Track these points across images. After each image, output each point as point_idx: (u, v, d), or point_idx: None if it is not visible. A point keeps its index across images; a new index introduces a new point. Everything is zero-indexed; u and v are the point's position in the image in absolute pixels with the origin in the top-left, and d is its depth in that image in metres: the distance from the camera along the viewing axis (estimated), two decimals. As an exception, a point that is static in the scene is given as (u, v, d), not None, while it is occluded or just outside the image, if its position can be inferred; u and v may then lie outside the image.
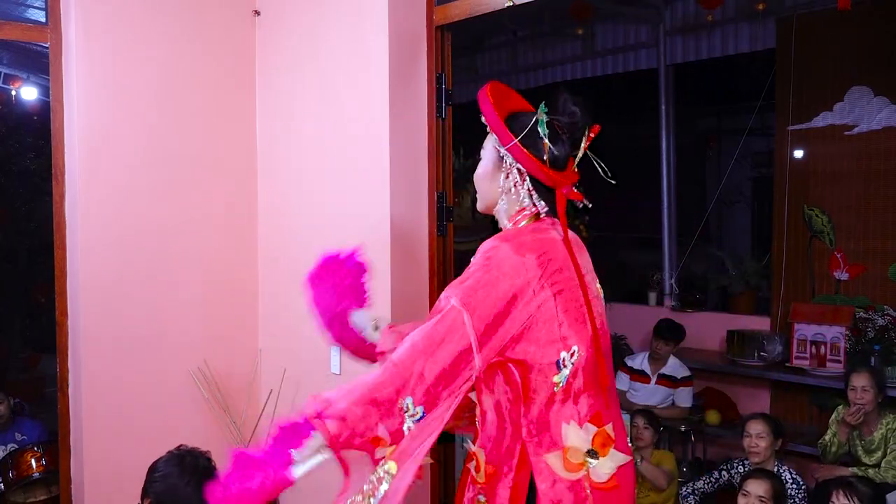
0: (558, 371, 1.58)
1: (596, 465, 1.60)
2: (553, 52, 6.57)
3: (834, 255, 4.70)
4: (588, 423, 1.61)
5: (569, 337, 1.60)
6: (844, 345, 4.33)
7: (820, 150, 4.78)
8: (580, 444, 1.59)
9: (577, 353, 1.60)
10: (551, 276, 1.59)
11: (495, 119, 1.65)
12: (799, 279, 4.86)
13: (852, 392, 3.56)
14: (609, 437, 1.62)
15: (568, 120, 1.67)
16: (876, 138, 4.53)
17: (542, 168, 1.63)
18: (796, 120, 4.83)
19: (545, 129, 1.63)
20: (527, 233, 1.66)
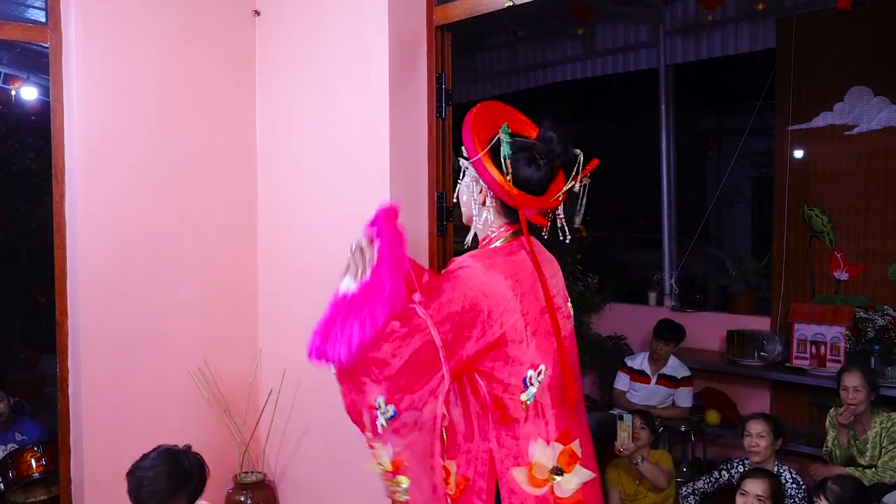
0: (525, 389, 1.62)
1: (561, 480, 1.64)
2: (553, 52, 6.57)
3: (834, 255, 4.70)
4: (556, 441, 1.65)
5: (536, 356, 1.63)
6: (844, 345, 4.33)
7: (820, 150, 4.78)
8: (546, 461, 1.64)
9: (544, 371, 1.64)
10: (520, 298, 1.63)
11: (468, 135, 1.69)
12: (799, 279, 4.86)
13: (844, 392, 3.56)
14: (575, 455, 1.66)
15: (544, 146, 1.68)
16: (876, 138, 4.53)
17: (503, 186, 1.65)
18: (796, 120, 4.83)
19: (508, 150, 1.65)
20: (498, 254, 1.69)
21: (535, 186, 1.69)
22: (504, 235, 1.73)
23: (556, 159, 1.69)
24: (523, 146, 1.69)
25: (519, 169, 1.67)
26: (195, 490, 2.33)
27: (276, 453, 3.32)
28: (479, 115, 1.71)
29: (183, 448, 2.37)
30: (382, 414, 1.60)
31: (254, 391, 3.35)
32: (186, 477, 2.31)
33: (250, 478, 3.25)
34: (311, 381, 3.12)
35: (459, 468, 1.71)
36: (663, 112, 5.78)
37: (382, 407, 1.60)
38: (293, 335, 3.22)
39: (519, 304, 1.62)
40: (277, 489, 3.33)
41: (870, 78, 4.54)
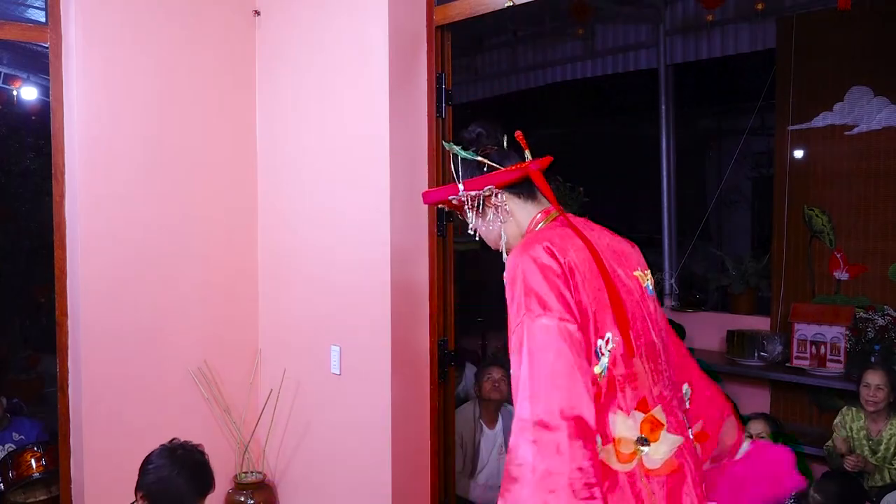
0: (597, 360, 1.53)
1: (648, 451, 1.55)
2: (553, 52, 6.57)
3: (834, 255, 4.70)
4: (634, 410, 1.56)
5: (601, 326, 1.55)
6: (844, 345, 4.32)
7: (820, 150, 4.78)
8: (629, 433, 1.54)
9: (612, 339, 1.55)
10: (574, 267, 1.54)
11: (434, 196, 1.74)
12: (799, 279, 4.86)
13: (865, 389, 3.55)
14: (658, 422, 1.57)
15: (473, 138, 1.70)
16: (876, 138, 4.53)
17: (504, 171, 1.65)
18: (796, 120, 4.82)
19: (468, 154, 1.67)
20: (541, 234, 1.63)
21: (505, 155, 1.70)
22: (544, 218, 1.68)
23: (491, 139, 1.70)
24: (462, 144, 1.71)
25: (483, 153, 1.68)
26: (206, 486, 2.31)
27: (276, 453, 3.32)
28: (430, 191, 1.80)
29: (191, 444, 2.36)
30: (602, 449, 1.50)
31: (254, 391, 3.35)
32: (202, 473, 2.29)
33: (250, 478, 3.25)
34: (311, 382, 3.13)
35: None
36: (663, 112, 5.77)
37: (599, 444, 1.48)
38: (293, 335, 3.23)
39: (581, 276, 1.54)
40: (277, 489, 3.33)
41: (870, 78, 4.54)
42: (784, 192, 4.89)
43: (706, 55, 5.56)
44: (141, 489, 2.23)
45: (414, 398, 2.83)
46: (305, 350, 3.14)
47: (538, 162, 1.69)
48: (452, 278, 2.93)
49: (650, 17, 5.79)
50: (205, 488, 2.26)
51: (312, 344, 3.10)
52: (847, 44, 4.60)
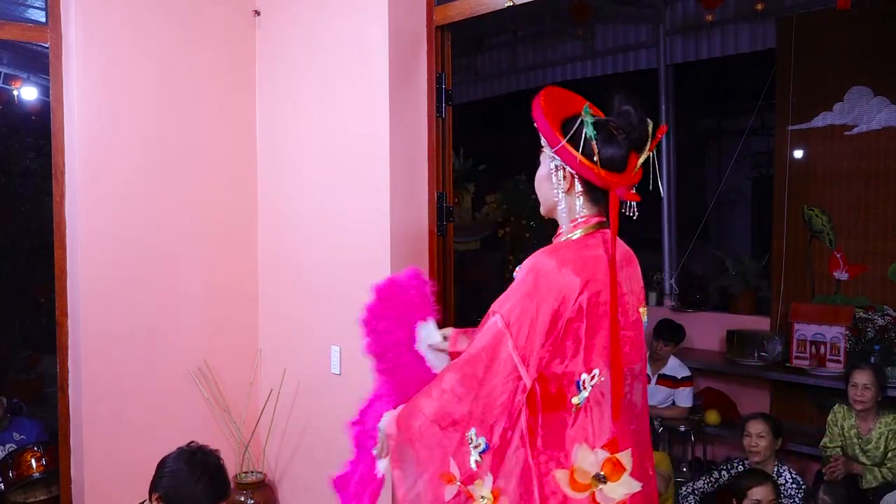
0: (578, 392, 1.59)
1: (604, 488, 1.59)
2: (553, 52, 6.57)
3: (834, 255, 4.70)
4: (601, 448, 1.61)
5: (592, 359, 1.60)
6: (844, 345, 4.32)
7: (820, 150, 4.78)
8: (588, 467, 1.59)
9: (597, 376, 1.60)
10: (589, 298, 1.59)
11: (544, 123, 1.64)
12: (799, 279, 4.86)
13: (853, 389, 3.55)
14: (620, 465, 1.61)
15: (622, 120, 1.64)
16: (876, 138, 4.53)
17: (592, 169, 1.62)
18: (796, 120, 4.83)
19: (592, 131, 1.62)
20: (572, 248, 1.64)
21: (618, 164, 1.65)
22: (586, 225, 1.68)
23: (634, 132, 1.65)
24: (600, 124, 1.65)
25: (602, 148, 1.63)
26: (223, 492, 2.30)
27: (276, 453, 3.32)
28: (547, 102, 1.67)
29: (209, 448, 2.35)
30: (475, 448, 1.57)
31: (254, 391, 3.35)
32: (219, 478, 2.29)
33: (250, 478, 3.25)
34: (311, 381, 3.13)
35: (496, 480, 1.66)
36: (663, 112, 5.78)
37: (474, 440, 1.57)
38: (293, 335, 3.23)
39: (586, 305, 1.58)
40: (277, 489, 3.33)
41: (870, 78, 4.54)
42: (784, 192, 4.90)
43: (706, 55, 5.56)
44: (157, 490, 2.23)
45: (414, 398, 2.83)
46: (305, 350, 3.14)
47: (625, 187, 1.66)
48: (452, 278, 2.93)
49: (650, 17, 5.79)
50: (221, 494, 2.26)
51: (312, 344, 3.10)
52: (847, 44, 4.60)
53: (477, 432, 1.57)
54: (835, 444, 3.67)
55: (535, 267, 1.61)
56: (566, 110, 1.69)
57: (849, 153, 4.63)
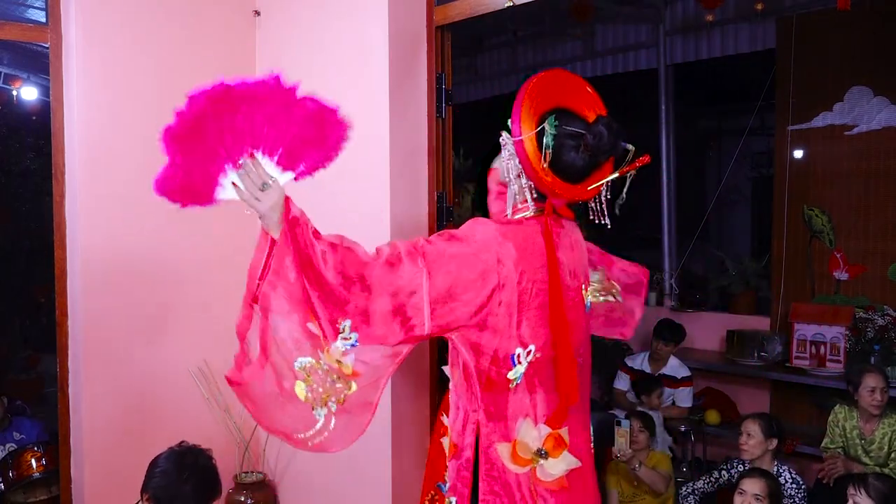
0: (513, 367, 1.61)
1: (545, 464, 1.62)
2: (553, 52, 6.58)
3: (834, 255, 4.70)
4: (544, 423, 1.63)
5: (527, 336, 1.61)
6: (844, 345, 4.33)
7: (820, 150, 4.78)
8: (530, 441, 1.62)
9: (534, 352, 1.62)
10: (521, 274, 1.60)
11: (517, 108, 1.65)
12: (799, 279, 4.86)
13: (871, 393, 3.47)
14: (562, 441, 1.64)
15: (592, 140, 1.65)
16: (876, 138, 4.53)
17: (537, 172, 1.64)
18: (796, 120, 4.83)
19: (551, 141, 1.63)
20: (513, 225, 1.67)
21: (574, 174, 1.67)
22: (529, 209, 1.71)
23: (602, 156, 1.67)
24: (573, 134, 1.66)
25: (562, 154, 1.65)
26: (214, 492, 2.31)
27: (276, 453, 3.32)
28: (536, 88, 1.68)
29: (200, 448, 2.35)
30: (343, 339, 1.56)
31: (254, 391, 3.35)
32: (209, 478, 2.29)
33: (250, 478, 3.25)
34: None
35: (452, 434, 1.72)
36: (663, 112, 5.78)
37: (346, 332, 1.56)
38: (293, 335, 3.22)
39: (518, 280, 1.60)
40: (277, 489, 3.34)
41: (870, 78, 4.54)
42: (784, 192, 4.90)
43: (706, 55, 5.57)
44: (147, 491, 2.23)
45: (414, 397, 2.83)
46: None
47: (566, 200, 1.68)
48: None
49: (650, 17, 5.80)
50: (212, 494, 2.27)
51: (312, 344, 3.10)
52: (847, 44, 4.60)
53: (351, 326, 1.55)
54: (836, 445, 3.67)
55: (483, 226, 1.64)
56: (557, 100, 1.69)
57: (849, 153, 4.63)
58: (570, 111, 1.70)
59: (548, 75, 1.71)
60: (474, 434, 1.66)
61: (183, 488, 2.19)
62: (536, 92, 1.67)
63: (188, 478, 2.20)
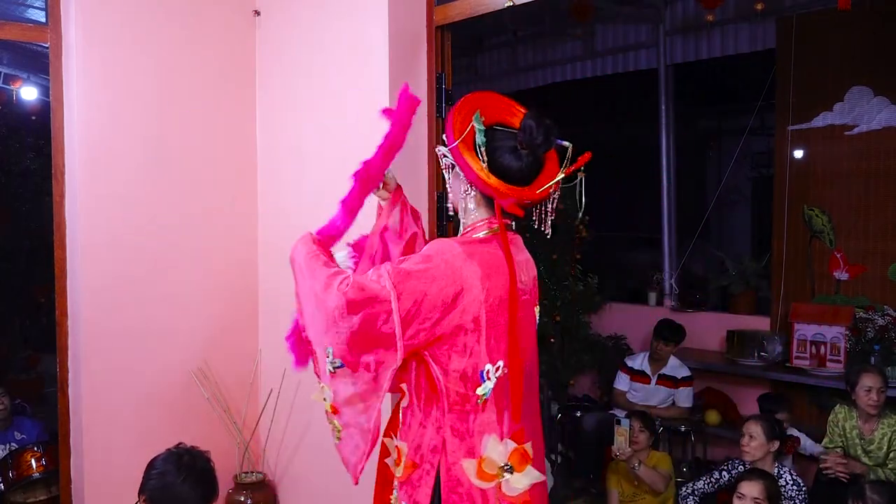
0: (482, 383, 1.62)
1: (510, 479, 1.63)
2: (553, 52, 6.58)
3: (834, 255, 4.70)
4: (509, 439, 1.64)
5: (495, 352, 1.63)
6: (844, 345, 4.33)
7: (820, 150, 4.79)
8: (497, 457, 1.63)
9: (502, 368, 1.63)
10: (488, 292, 1.61)
11: (448, 122, 1.69)
12: (799, 279, 4.86)
13: (867, 393, 3.49)
14: (527, 455, 1.65)
15: (523, 135, 1.65)
16: (876, 138, 4.54)
17: (478, 175, 1.64)
18: (796, 120, 4.83)
19: (482, 138, 1.64)
20: (476, 244, 1.68)
21: (517, 177, 1.67)
22: (485, 229, 1.71)
23: (538, 149, 1.66)
24: (506, 136, 1.67)
25: (499, 158, 1.66)
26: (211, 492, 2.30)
27: (276, 453, 3.32)
28: (464, 104, 1.70)
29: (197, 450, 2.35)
30: (330, 362, 1.64)
31: (254, 391, 3.35)
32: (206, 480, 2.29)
33: (250, 478, 3.25)
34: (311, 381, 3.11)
35: (409, 452, 1.72)
36: (663, 112, 5.78)
37: (330, 356, 1.63)
38: (293, 335, 3.22)
39: (485, 298, 1.61)
40: (277, 489, 3.33)
41: (870, 78, 4.54)
42: (784, 192, 4.90)
43: (706, 55, 5.57)
44: (144, 493, 2.23)
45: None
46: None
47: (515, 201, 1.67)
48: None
49: (650, 17, 5.80)
50: (209, 496, 2.26)
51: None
52: (847, 44, 4.60)
53: (334, 353, 1.64)
54: (835, 445, 3.67)
55: (444, 246, 1.64)
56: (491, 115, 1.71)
57: (849, 153, 4.64)
58: (498, 124, 1.71)
59: (475, 94, 1.74)
60: (438, 452, 1.67)
61: (180, 490, 2.18)
62: (466, 107, 1.69)
63: (185, 479, 2.19)
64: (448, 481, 1.64)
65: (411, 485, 1.70)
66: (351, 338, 1.58)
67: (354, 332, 1.57)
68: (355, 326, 1.57)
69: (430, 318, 1.58)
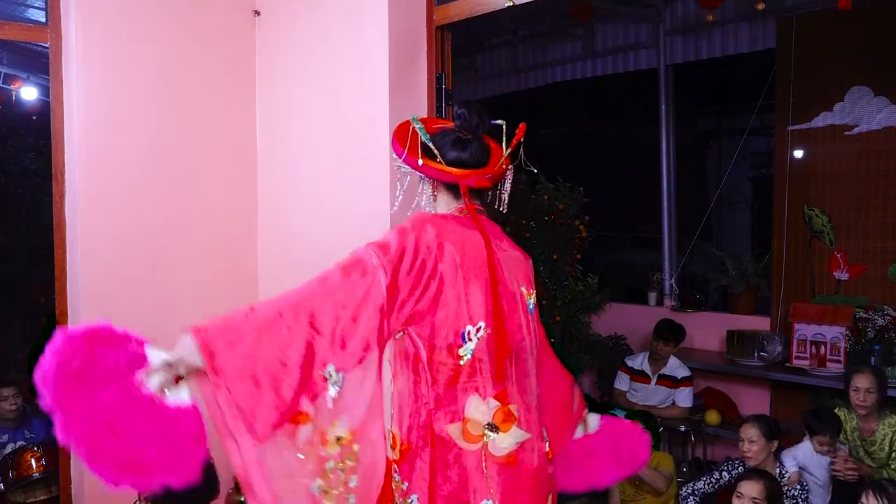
0: (463, 343, 1.66)
1: (495, 438, 1.67)
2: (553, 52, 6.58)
3: (834, 255, 4.71)
4: (492, 398, 1.68)
5: (475, 313, 1.67)
6: (844, 345, 4.33)
7: (820, 150, 4.79)
8: (480, 416, 1.67)
9: (483, 328, 1.67)
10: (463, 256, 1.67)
11: (393, 144, 1.79)
12: (799, 279, 4.87)
13: (855, 393, 3.52)
14: (511, 415, 1.69)
15: (461, 123, 1.76)
16: (876, 138, 4.54)
17: (436, 167, 1.74)
18: (796, 120, 4.83)
19: (426, 136, 1.74)
20: (449, 218, 1.76)
21: (471, 162, 1.77)
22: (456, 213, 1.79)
23: (477, 129, 1.77)
24: (446, 133, 1.78)
25: (449, 152, 1.75)
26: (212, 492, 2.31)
27: (276, 453, 3.32)
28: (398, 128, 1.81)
29: None
30: (333, 384, 1.54)
31: (254, 391, 3.35)
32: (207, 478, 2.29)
33: (250, 478, 3.24)
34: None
35: (402, 435, 1.76)
36: (663, 112, 5.78)
37: (333, 376, 1.54)
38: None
39: (461, 261, 1.67)
40: (277, 489, 3.33)
41: (870, 78, 4.54)
42: (784, 192, 4.90)
43: (706, 55, 5.57)
44: None
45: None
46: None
47: (476, 176, 1.75)
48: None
49: (650, 17, 5.80)
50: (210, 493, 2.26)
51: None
52: (847, 44, 4.60)
53: (337, 368, 1.53)
54: None
55: (413, 220, 1.71)
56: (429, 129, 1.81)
57: (849, 153, 4.64)
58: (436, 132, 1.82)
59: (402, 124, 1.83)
60: (427, 426, 1.70)
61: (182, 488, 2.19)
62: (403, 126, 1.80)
63: None
64: (438, 449, 1.68)
65: (409, 464, 1.73)
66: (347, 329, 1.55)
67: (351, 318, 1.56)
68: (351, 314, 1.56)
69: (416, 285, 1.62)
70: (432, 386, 1.69)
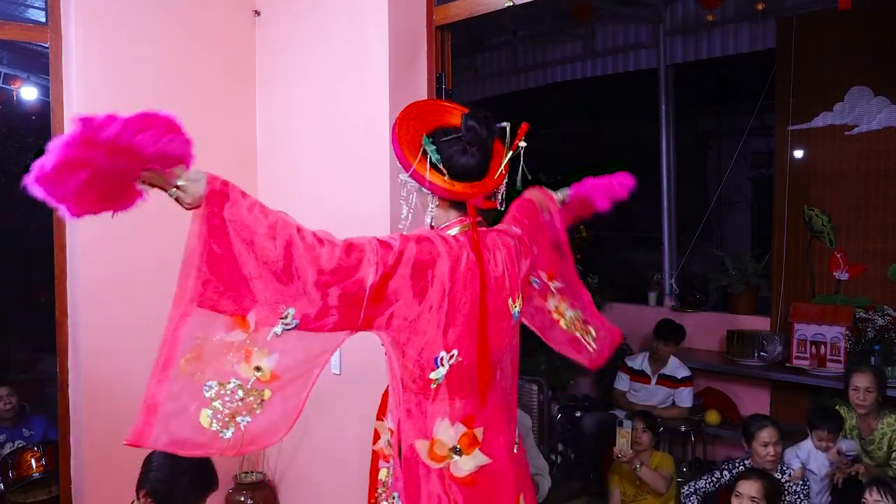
0: (435, 368, 1.69)
1: (458, 460, 1.72)
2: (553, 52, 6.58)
3: (834, 255, 4.70)
4: (460, 422, 1.72)
5: (452, 341, 1.69)
6: (844, 345, 4.33)
7: (820, 150, 4.79)
8: (447, 440, 1.72)
9: (456, 356, 1.69)
10: (453, 283, 1.67)
11: (397, 149, 1.76)
12: (799, 279, 4.86)
13: (854, 393, 3.53)
14: (475, 440, 1.73)
15: (471, 136, 1.72)
16: (876, 138, 4.53)
17: (444, 187, 1.72)
18: (796, 120, 4.83)
19: (436, 156, 1.72)
20: (448, 238, 1.74)
21: (475, 173, 1.75)
22: (457, 226, 1.77)
23: (486, 143, 1.75)
24: (452, 140, 1.74)
25: (455, 162, 1.72)
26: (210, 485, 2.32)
27: (276, 453, 3.32)
28: (401, 126, 1.77)
29: None
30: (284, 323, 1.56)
31: (254, 391, 3.35)
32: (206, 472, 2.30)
33: (250, 478, 3.25)
34: (311, 381, 3.12)
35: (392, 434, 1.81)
36: (663, 112, 5.78)
37: (288, 318, 1.56)
38: (293, 335, 3.22)
39: (451, 287, 1.67)
40: (277, 489, 3.33)
41: (870, 78, 4.54)
42: (784, 192, 4.90)
43: (706, 55, 5.57)
44: (144, 487, 2.23)
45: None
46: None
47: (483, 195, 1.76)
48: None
49: (650, 17, 5.80)
50: (209, 487, 2.27)
51: (312, 344, 3.10)
52: (847, 44, 4.60)
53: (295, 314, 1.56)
54: None
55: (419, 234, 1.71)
56: (428, 125, 1.78)
57: (849, 153, 4.63)
58: (440, 128, 1.78)
59: (406, 111, 1.81)
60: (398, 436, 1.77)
61: (180, 481, 2.20)
62: (404, 129, 1.76)
63: (185, 471, 2.21)
64: (404, 457, 1.74)
65: (395, 463, 1.80)
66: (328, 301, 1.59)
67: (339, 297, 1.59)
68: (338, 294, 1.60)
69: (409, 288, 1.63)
70: (404, 391, 1.73)
